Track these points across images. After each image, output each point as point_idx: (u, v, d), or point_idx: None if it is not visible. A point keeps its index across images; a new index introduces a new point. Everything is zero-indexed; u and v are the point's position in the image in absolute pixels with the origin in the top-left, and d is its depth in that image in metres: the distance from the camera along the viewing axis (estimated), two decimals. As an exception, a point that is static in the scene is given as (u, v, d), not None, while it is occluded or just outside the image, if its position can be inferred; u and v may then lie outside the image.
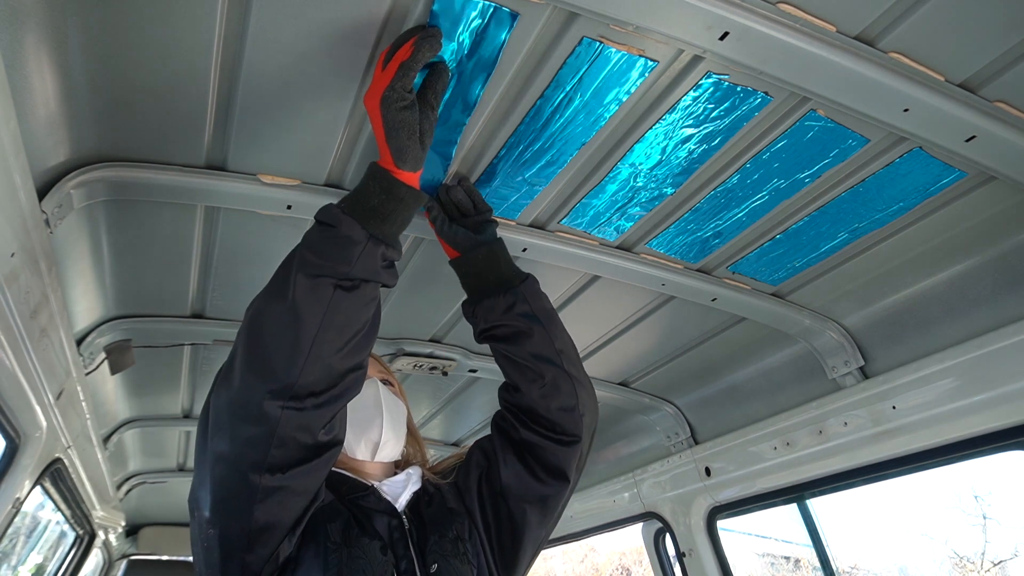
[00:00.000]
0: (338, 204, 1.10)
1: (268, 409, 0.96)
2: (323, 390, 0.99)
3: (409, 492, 1.31)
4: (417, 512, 1.27)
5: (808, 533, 2.53)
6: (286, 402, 0.96)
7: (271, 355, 0.98)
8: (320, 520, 1.12)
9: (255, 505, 0.97)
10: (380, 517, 1.21)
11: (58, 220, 1.36)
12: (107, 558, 4.43)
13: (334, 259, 1.03)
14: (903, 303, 1.89)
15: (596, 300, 2.04)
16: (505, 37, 1.16)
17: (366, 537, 1.14)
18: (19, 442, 1.75)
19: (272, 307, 1.02)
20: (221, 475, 0.99)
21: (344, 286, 1.02)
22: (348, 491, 1.25)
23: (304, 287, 1.01)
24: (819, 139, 1.39)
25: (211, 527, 1.01)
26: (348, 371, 1.03)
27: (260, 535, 0.99)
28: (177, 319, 2.04)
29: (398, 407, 1.41)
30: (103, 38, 1.10)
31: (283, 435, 0.96)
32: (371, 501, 1.24)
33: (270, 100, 1.27)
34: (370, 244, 1.05)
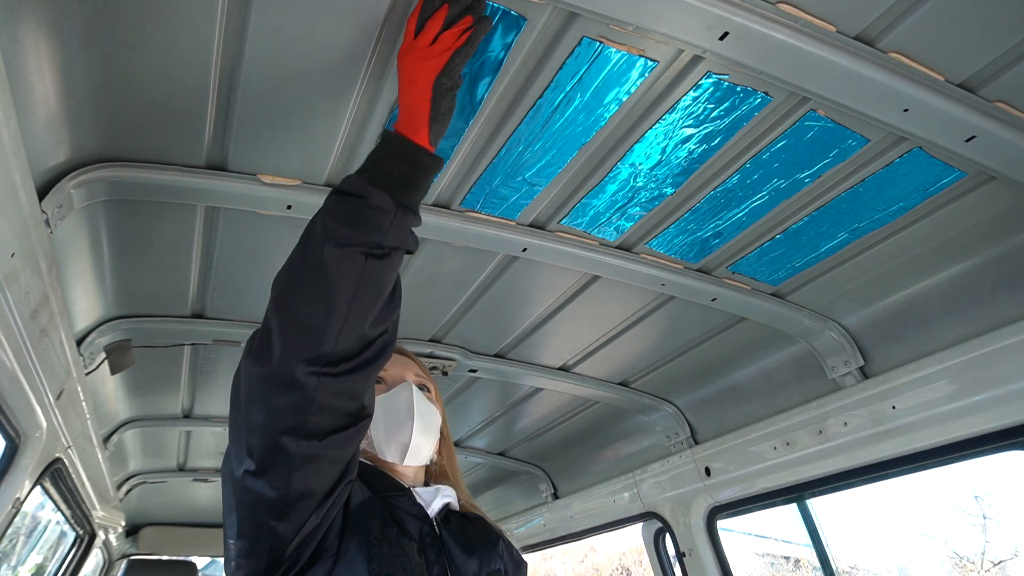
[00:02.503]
0: (359, 175, 1.08)
1: (303, 377, 0.97)
2: (355, 355, 1.01)
3: (441, 503, 1.33)
4: (449, 525, 1.30)
5: (808, 533, 2.53)
6: (322, 368, 0.98)
7: (307, 325, 0.99)
8: (363, 514, 1.15)
9: (293, 473, 0.99)
10: (413, 521, 1.23)
11: (58, 220, 1.36)
12: (107, 558, 4.43)
13: (366, 229, 1.03)
14: (903, 303, 1.89)
15: (596, 300, 2.04)
16: (511, 40, 1.17)
17: (404, 537, 1.17)
18: (19, 442, 1.75)
19: (304, 278, 1.02)
20: (258, 444, 1.01)
21: (375, 254, 1.03)
22: (383, 488, 1.26)
23: (335, 257, 1.00)
24: (819, 139, 1.39)
25: (247, 494, 1.03)
26: (378, 336, 1.05)
27: (296, 503, 1.01)
28: (177, 319, 2.04)
29: (431, 412, 1.42)
30: (103, 38, 1.10)
31: (322, 401, 0.98)
32: (405, 503, 1.26)
33: (270, 100, 1.27)
34: (399, 213, 1.05)
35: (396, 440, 1.34)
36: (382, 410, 1.35)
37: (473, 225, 1.65)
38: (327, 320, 0.98)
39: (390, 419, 1.36)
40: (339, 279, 1.00)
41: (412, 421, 1.35)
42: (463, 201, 1.60)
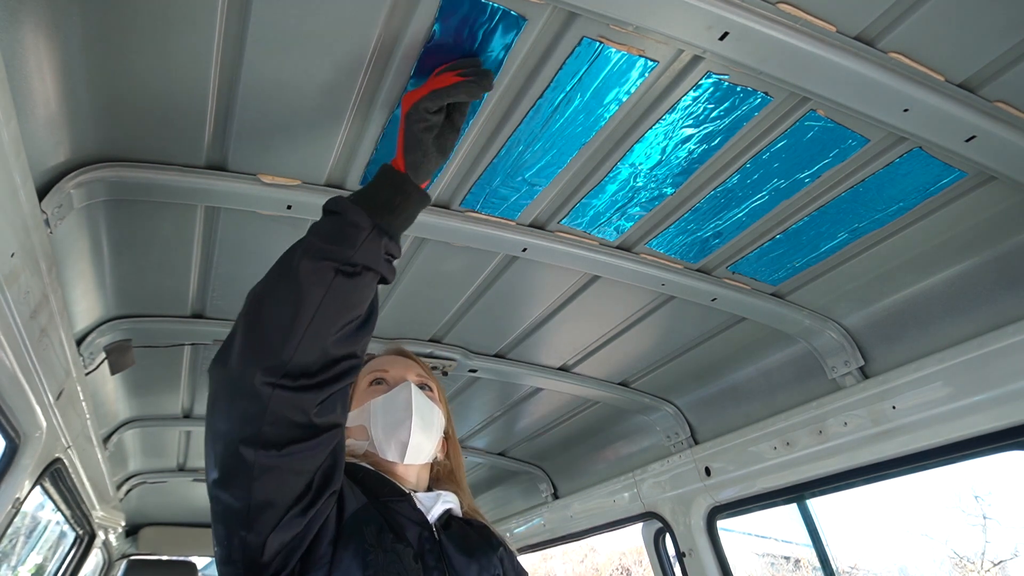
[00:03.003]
0: (347, 197, 1.15)
1: (260, 385, 0.97)
2: (316, 372, 1.01)
3: (441, 508, 1.33)
4: (449, 530, 1.30)
5: (808, 533, 2.53)
6: (279, 379, 0.97)
7: (268, 332, 1.00)
8: (358, 522, 1.15)
9: (253, 483, 0.98)
10: (412, 526, 1.23)
11: (58, 220, 1.36)
12: (107, 558, 4.43)
13: (338, 243, 1.06)
14: (903, 303, 1.89)
15: (596, 300, 2.04)
16: (511, 40, 1.17)
17: (400, 544, 1.16)
18: (19, 442, 1.75)
19: (273, 288, 1.05)
20: (221, 453, 1.01)
21: (346, 271, 1.05)
22: (384, 494, 1.27)
23: (307, 268, 1.04)
24: (819, 139, 1.39)
25: (216, 504, 1.03)
26: (342, 358, 1.04)
27: (259, 514, 1.00)
28: (177, 319, 2.04)
29: (431, 411, 1.43)
30: (103, 38, 1.10)
31: (275, 412, 0.97)
32: (405, 509, 1.26)
33: (270, 100, 1.27)
34: (374, 232, 1.08)
35: (396, 438, 1.35)
36: (382, 410, 1.37)
37: (473, 225, 1.65)
38: (289, 329, 0.99)
39: (389, 418, 1.37)
40: (306, 290, 1.01)
41: (411, 419, 1.35)
42: (463, 201, 1.60)
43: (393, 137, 1.39)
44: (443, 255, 1.81)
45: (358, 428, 1.43)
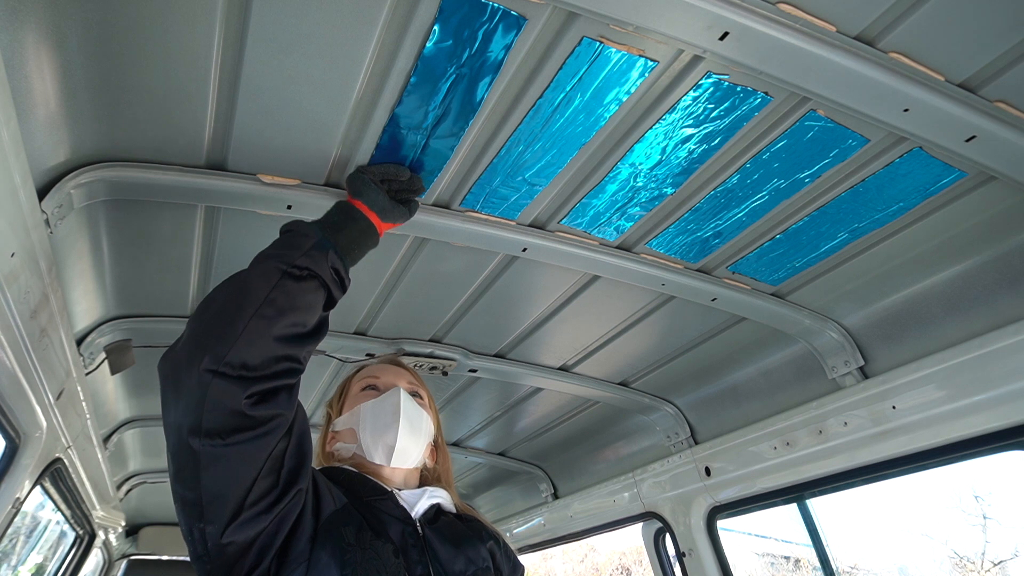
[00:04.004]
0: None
1: (202, 372, 0.99)
2: (256, 366, 1.03)
3: (426, 504, 1.35)
4: (435, 525, 1.31)
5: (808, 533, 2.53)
6: (219, 366, 0.99)
7: (214, 324, 1.04)
8: (336, 523, 1.17)
9: (201, 473, 1.01)
10: (395, 523, 1.25)
11: (58, 220, 1.36)
12: (107, 558, 4.43)
13: (286, 247, 1.17)
14: (903, 303, 1.89)
15: (596, 300, 2.04)
16: (511, 40, 1.17)
17: (379, 540, 1.18)
18: (19, 442, 1.75)
19: (224, 287, 1.11)
20: (173, 445, 1.04)
21: (292, 273, 1.12)
22: (366, 493, 1.29)
23: (255, 270, 1.12)
24: (819, 139, 1.39)
25: (175, 497, 1.07)
26: (283, 358, 1.07)
27: (211, 504, 1.02)
28: (177, 319, 2.04)
29: (420, 417, 1.46)
30: (103, 38, 1.10)
31: (214, 399, 0.99)
32: (387, 506, 1.28)
33: (270, 100, 1.27)
34: (320, 243, 1.19)
35: (383, 442, 1.39)
36: (371, 414, 1.42)
37: (473, 225, 1.65)
38: (233, 320, 1.03)
39: (378, 422, 1.41)
40: (253, 285, 1.08)
41: (398, 423, 1.39)
42: (463, 201, 1.60)
43: (393, 136, 1.39)
44: (443, 255, 1.81)
45: (347, 431, 1.47)
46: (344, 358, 2.33)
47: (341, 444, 1.48)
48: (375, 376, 1.52)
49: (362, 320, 2.17)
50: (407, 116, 1.33)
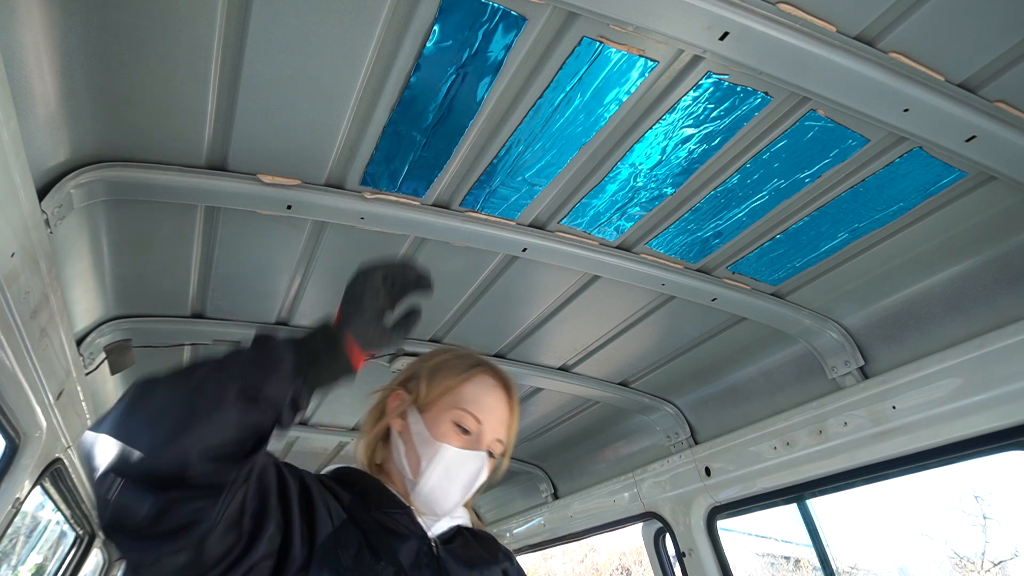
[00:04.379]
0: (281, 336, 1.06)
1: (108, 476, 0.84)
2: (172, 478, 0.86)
3: (446, 525, 1.25)
4: (451, 544, 1.23)
5: (808, 533, 2.53)
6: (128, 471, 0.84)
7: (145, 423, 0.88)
8: (331, 547, 1.06)
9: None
10: (408, 540, 1.14)
11: (58, 220, 1.36)
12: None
13: (252, 366, 0.97)
14: (903, 303, 1.89)
15: (596, 300, 2.04)
16: (511, 40, 1.17)
17: (379, 563, 1.08)
18: (19, 442, 1.75)
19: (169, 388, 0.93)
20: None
21: (249, 396, 0.93)
22: (380, 505, 1.17)
23: (211, 382, 0.93)
24: (819, 139, 1.39)
25: None
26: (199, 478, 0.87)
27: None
28: (177, 319, 2.04)
29: (480, 482, 1.27)
30: (103, 38, 1.10)
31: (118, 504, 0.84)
32: (403, 520, 1.17)
33: (270, 100, 1.27)
34: (291, 372, 1.00)
35: (435, 499, 1.21)
36: (445, 466, 1.21)
37: (473, 225, 1.65)
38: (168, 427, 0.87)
39: (445, 477, 1.21)
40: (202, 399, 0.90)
41: (462, 494, 1.23)
42: (463, 201, 1.60)
43: (393, 136, 1.39)
44: (443, 255, 1.81)
45: (411, 446, 1.24)
46: (344, 358, 2.33)
47: (390, 451, 1.29)
48: (479, 415, 1.25)
49: (362, 320, 2.16)
50: (407, 116, 1.33)
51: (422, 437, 1.23)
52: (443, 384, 1.27)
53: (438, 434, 1.22)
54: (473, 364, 1.30)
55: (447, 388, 1.26)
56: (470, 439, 1.23)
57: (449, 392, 1.26)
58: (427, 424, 1.24)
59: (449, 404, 1.25)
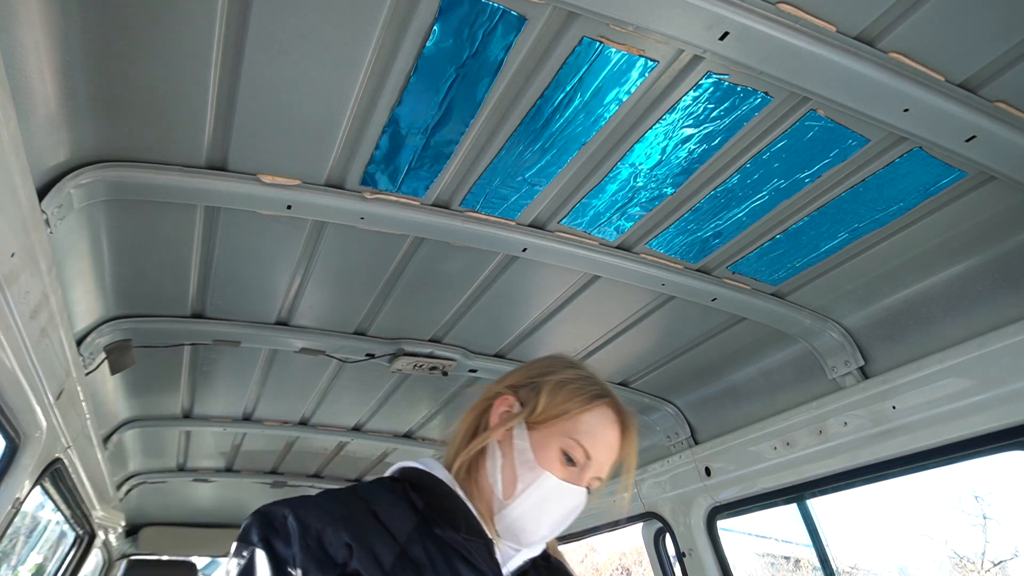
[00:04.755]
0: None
1: None
2: None
3: (523, 557, 1.13)
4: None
5: (808, 533, 2.53)
6: None
7: None
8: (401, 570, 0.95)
9: None
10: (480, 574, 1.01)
11: (58, 220, 1.36)
12: (107, 558, 4.42)
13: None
14: (903, 303, 1.89)
15: (596, 300, 2.04)
16: (511, 40, 1.17)
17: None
18: (19, 442, 1.74)
19: None
20: None
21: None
22: (457, 525, 1.04)
23: None
24: (819, 139, 1.39)
25: None
26: None
27: None
28: (177, 319, 2.04)
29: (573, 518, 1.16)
30: (103, 38, 1.10)
31: None
32: (480, 551, 1.03)
33: (270, 100, 1.27)
34: None
35: (520, 527, 1.10)
36: (546, 492, 1.09)
37: (473, 225, 1.65)
38: None
39: (541, 508, 1.10)
40: None
41: (552, 531, 1.12)
42: (463, 201, 1.60)
43: (393, 136, 1.38)
44: (443, 255, 1.81)
45: (509, 463, 1.12)
46: (344, 358, 2.33)
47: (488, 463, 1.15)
48: (592, 445, 1.13)
49: (362, 320, 2.17)
50: (407, 116, 1.33)
51: (524, 458, 1.11)
52: (563, 406, 1.14)
53: (543, 459, 1.10)
54: (598, 394, 1.17)
55: (565, 411, 1.14)
56: (573, 472, 1.12)
57: (566, 416, 1.13)
58: (533, 445, 1.12)
59: (562, 430, 1.12)
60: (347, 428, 3.16)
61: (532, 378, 1.21)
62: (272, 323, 2.16)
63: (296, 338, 2.20)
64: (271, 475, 3.91)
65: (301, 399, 2.81)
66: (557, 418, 1.13)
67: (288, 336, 2.19)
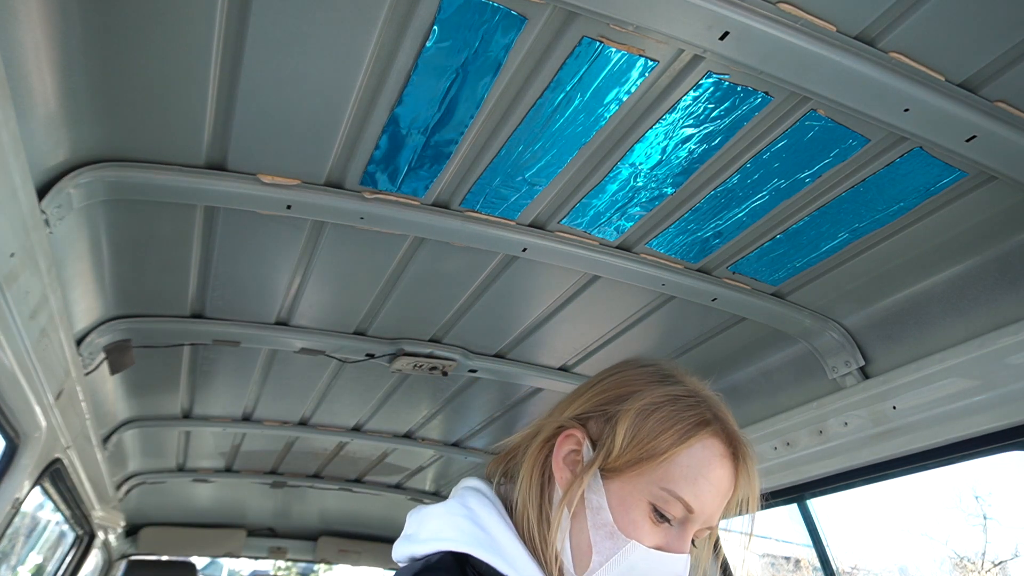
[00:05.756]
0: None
1: None
2: None
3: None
4: None
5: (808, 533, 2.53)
6: None
7: None
8: None
9: None
10: None
11: (58, 220, 1.36)
12: (107, 558, 4.42)
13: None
14: (903, 303, 1.88)
15: (596, 300, 2.04)
16: (511, 40, 1.16)
17: None
18: (19, 442, 1.74)
19: None
20: None
21: None
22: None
23: None
24: (819, 139, 1.38)
25: None
26: None
27: None
28: (177, 319, 2.04)
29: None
30: (103, 38, 1.10)
31: None
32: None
33: (270, 100, 1.27)
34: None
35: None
36: (631, 566, 0.82)
37: (473, 225, 1.65)
38: None
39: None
40: None
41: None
42: (463, 201, 1.60)
43: (393, 136, 1.38)
44: (443, 255, 1.81)
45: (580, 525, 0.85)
46: (343, 358, 2.33)
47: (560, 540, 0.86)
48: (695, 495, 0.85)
49: (362, 320, 2.16)
50: (407, 116, 1.33)
51: (600, 520, 0.84)
52: (649, 445, 0.85)
53: (626, 522, 0.83)
54: (700, 421, 0.88)
55: (653, 452, 0.85)
56: (669, 532, 0.85)
57: (656, 459, 0.84)
58: (612, 502, 0.84)
59: (652, 478, 0.84)
60: (347, 428, 3.16)
61: (606, 403, 0.92)
62: (272, 323, 2.16)
63: (296, 338, 2.20)
64: (271, 475, 3.91)
65: (301, 399, 2.81)
66: (643, 462, 0.84)
67: (288, 336, 2.19)
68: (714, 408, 0.90)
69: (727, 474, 0.88)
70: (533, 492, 0.89)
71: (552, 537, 0.85)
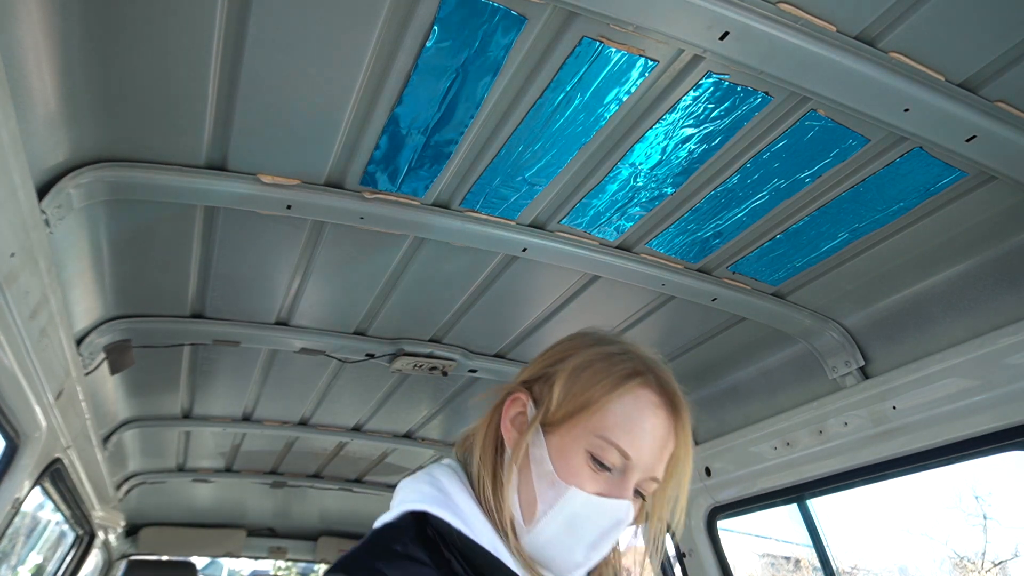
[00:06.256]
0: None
1: None
2: None
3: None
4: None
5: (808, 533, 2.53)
6: None
7: None
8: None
9: None
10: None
11: (58, 220, 1.36)
12: (107, 558, 4.42)
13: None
14: (903, 303, 1.88)
15: (596, 300, 2.04)
16: (511, 40, 1.16)
17: None
18: (19, 442, 1.74)
19: None
20: None
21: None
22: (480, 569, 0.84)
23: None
24: (819, 139, 1.38)
25: None
26: None
27: None
28: (177, 319, 2.04)
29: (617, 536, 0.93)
30: (103, 37, 1.10)
31: None
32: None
33: (270, 100, 1.27)
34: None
35: (548, 556, 0.89)
36: (574, 513, 0.87)
37: (473, 225, 1.65)
38: None
39: (568, 531, 0.88)
40: None
41: (585, 559, 0.89)
42: (463, 201, 1.60)
43: (393, 136, 1.38)
44: (443, 255, 1.81)
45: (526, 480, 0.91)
46: (344, 358, 2.33)
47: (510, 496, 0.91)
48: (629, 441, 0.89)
49: (362, 320, 2.16)
50: (407, 116, 1.33)
51: (543, 471, 0.89)
52: (582, 396, 0.91)
53: (566, 470, 0.88)
54: (630, 373, 0.92)
55: (586, 403, 0.90)
56: (610, 480, 0.89)
57: (589, 409, 0.90)
58: (552, 453, 0.90)
59: (587, 427, 0.89)
60: (347, 428, 3.16)
61: (546, 366, 0.97)
62: (272, 323, 2.16)
63: (296, 338, 2.20)
64: (271, 475, 3.91)
65: (301, 399, 2.81)
66: (578, 413, 0.90)
67: (288, 336, 2.19)
68: (648, 363, 0.95)
69: (661, 423, 0.93)
70: (487, 456, 0.96)
71: (504, 494, 0.90)
